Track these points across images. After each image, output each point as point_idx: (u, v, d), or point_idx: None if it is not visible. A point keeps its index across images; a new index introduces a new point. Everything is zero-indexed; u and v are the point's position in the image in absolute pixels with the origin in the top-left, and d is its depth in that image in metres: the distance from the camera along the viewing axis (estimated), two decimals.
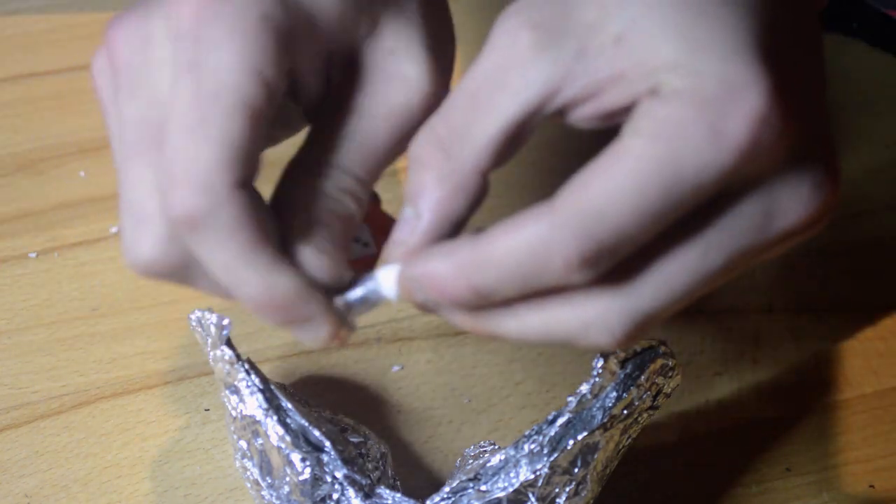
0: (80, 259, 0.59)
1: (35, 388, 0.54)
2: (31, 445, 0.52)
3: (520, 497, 0.44)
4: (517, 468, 0.44)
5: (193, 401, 0.54)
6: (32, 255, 0.59)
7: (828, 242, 0.61)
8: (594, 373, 0.45)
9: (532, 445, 0.44)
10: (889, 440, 0.54)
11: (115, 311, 0.57)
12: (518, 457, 0.44)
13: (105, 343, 0.56)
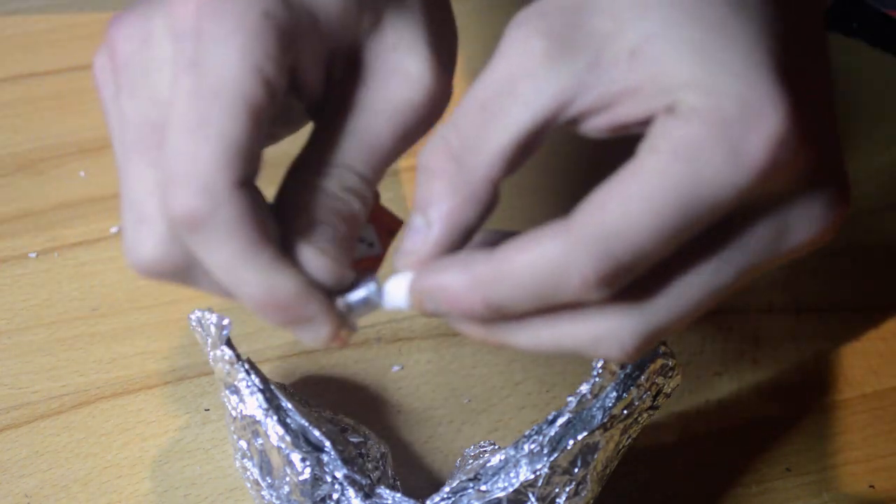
0: (80, 259, 0.59)
1: (35, 388, 0.54)
2: (31, 445, 0.52)
3: (520, 497, 0.44)
4: (517, 468, 0.44)
5: (193, 401, 0.54)
6: (32, 255, 0.59)
7: (829, 242, 0.61)
8: (594, 373, 0.45)
9: (532, 445, 0.44)
10: (889, 440, 0.54)
11: (115, 311, 0.57)
12: (518, 457, 0.44)
13: (105, 343, 0.56)
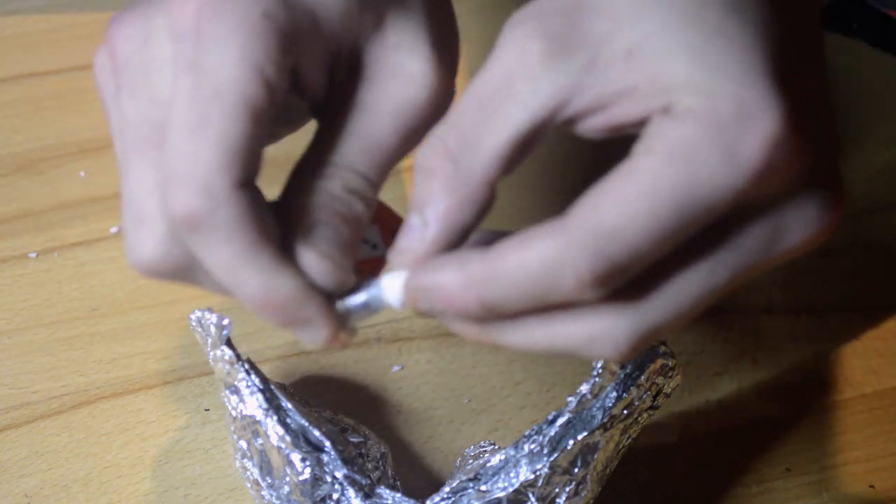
0: (80, 259, 0.59)
1: (35, 388, 0.54)
2: (31, 445, 0.52)
3: (520, 497, 0.44)
4: (517, 468, 0.44)
5: (193, 401, 0.54)
6: (32, 255, 0.59)
7: (828, 242, 0.61)
8: (594, 373, 0.45)
9: (532, 445, 0.44)
10: (889, 440, 0.54)
11: (115, 311, 0.57)
12: (518, 457, 0.44)
13: (105, 343, 0.56)
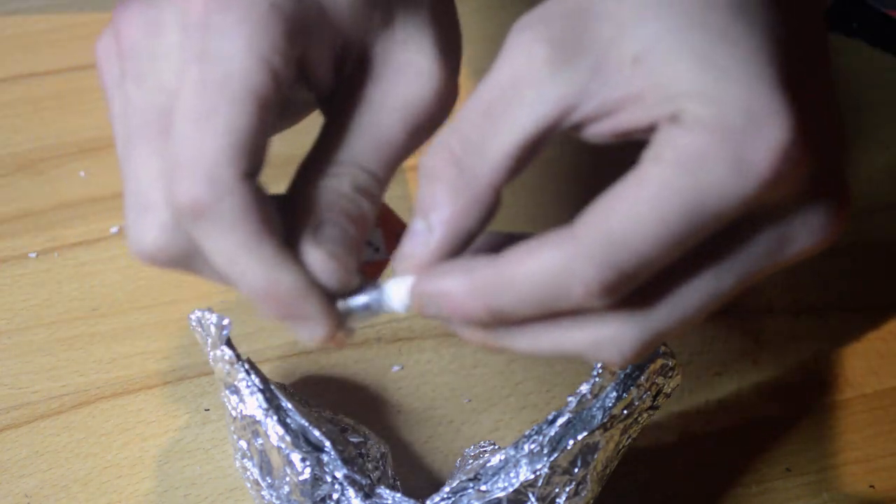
0: (80, 259, 0.59)
1: (35, 388, 0.54)
2: (31, 445, 0.52)
3: (520, 497, 0.44)
4: (517, 468, 0.44)
5: (193, 401, 0.54)
6: (32, 255, 0.59)
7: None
8: (594, 373, 0.45)
9: (532, 445, 0.44)
10: (889, 440, 0.54)
11: (115, 311, 0.57)
12: (518, 457, 0.44)
13: (105, 343, 0.56)
